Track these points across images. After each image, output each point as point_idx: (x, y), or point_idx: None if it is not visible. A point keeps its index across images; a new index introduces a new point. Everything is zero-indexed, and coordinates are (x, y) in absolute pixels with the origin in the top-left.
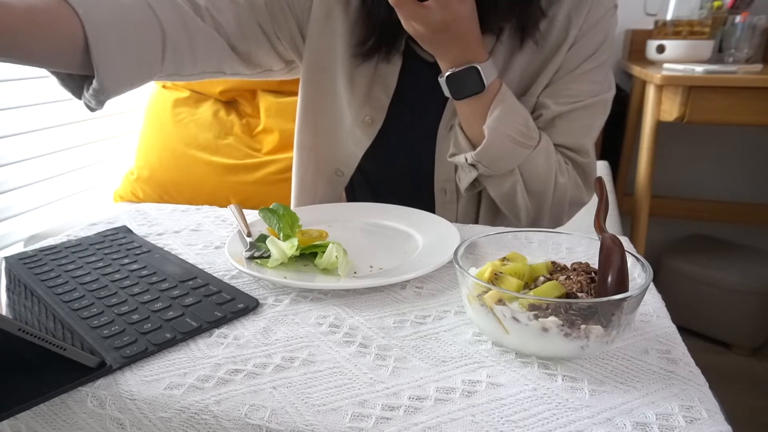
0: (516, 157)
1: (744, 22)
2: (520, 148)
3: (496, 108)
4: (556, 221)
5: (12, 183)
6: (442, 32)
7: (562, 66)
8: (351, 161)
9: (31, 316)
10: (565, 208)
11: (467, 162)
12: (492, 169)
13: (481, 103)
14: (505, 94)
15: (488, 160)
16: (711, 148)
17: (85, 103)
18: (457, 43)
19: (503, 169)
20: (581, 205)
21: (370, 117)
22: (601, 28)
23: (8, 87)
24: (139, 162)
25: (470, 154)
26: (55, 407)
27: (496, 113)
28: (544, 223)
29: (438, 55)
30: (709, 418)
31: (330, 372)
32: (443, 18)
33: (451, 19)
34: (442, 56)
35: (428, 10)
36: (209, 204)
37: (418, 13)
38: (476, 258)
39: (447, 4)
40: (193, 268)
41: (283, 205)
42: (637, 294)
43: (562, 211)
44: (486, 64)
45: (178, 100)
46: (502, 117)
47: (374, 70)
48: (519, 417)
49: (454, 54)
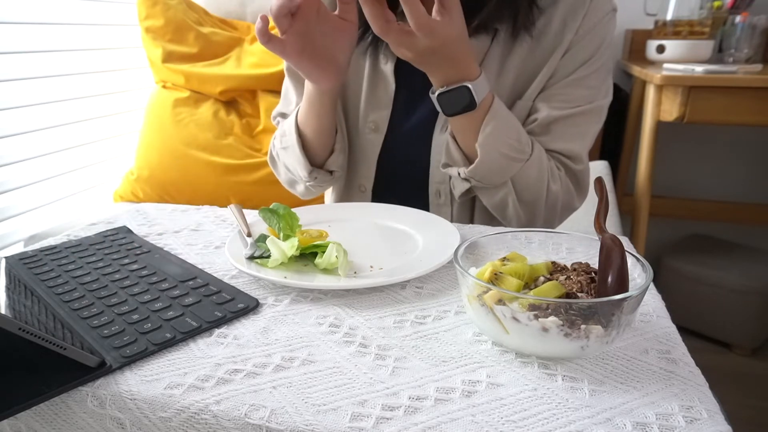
0: (508, 170)
1: (744, 22)
2: (512, 162)
3: (488, 124)
4: (548, 226)
5: (12, 183)
6: (430, 55)
7: (558, 71)
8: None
9: (31, 316)
10: (557, 214)
11: (460, 176)
12: (484, 182)
13: (473, 118)
14: (498, 109)
15: (480, 176)
16: (711, 148)
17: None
18: (448, 63)
19: (496, 182)
20: (572, 210)
21: (374, 123)
22: (597, 32)
23: (8, 87)
24: (139, 162)
25: (462, 170)
26: (55, 407)
27: (488, 130)
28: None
29: (429, 73)
30: (709, 418)
31: (330, 372)
32: (430, 44)
33: (439, 44)
34: (433, 75)
35: (414, 38)
36: (209, 204)
37: (404, 41)
38: (476, 258)
39: (431, 32)
40: (193, 268)
41: (283, 205)
42: (637, 294)
43: (553, 217)
44: (477, 82)
45: (178, 100)
46: (494, 133)
47: (373, 71)
48: (519, 417)
49: (445, 73)
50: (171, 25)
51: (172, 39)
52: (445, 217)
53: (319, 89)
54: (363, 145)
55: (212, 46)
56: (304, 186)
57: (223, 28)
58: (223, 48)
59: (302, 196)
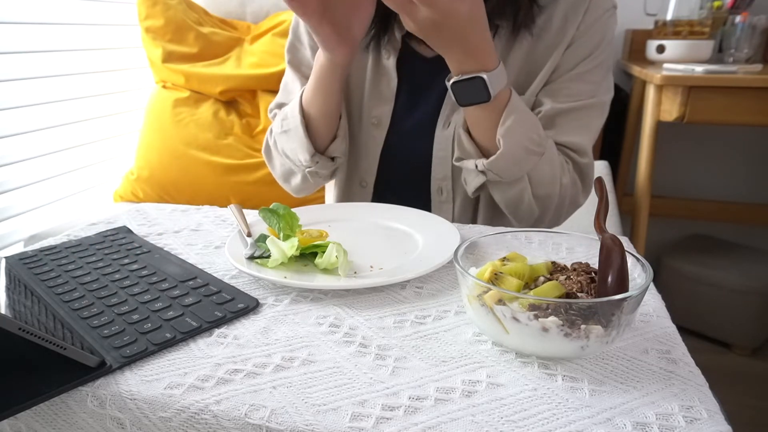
0: (526, 165)
1: (744, 22)
2: (531, 156)
3: (508, 117)
4: (555, 222)
5: (12, 183)
6: (434, 29)
7: (560, 66)
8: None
9: (31, 316)
10: (564, 209)
11: (477, 169)
12: (501, 176)
13: (494, 111)
14: (517, 104)
15: (499, 169)
16: (711, 148)
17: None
18: (461, 47)
19: (513, 177)
20: (577, 206)
21: (377, 118)
22: (598, 28)
23: (8, 87)
24: (139, 162)
25: (481, 162)
26: (55, 407)
27: (510, 122)
28: (543, 224)
29: (443, 55)
30: (709, 418)
31: (330, 372)
32: (431, 16)
33: (442, 18)
34: (447, 58)
35: (414, 6)
36: (209, 204)
37: (406, 9)
38: (476, 258)
39: (433, 3)
40: (193, 268)
41: (283, 205)
42: (637, 294)
43: (561, 213)
44: (494, 73)
45: (178, 100)
46: (516, 127)
47: (375, 66)
48: (519, 417)
49: (459, 58)
50: (171, 25)
51: (172, 39)
52: (446, 214)
53: (333, 61)
54: (365, 141)
55: (212, 46)
56: (302, 175)
57: (223, 28)
58: (223, 48)
59: (297, 191)
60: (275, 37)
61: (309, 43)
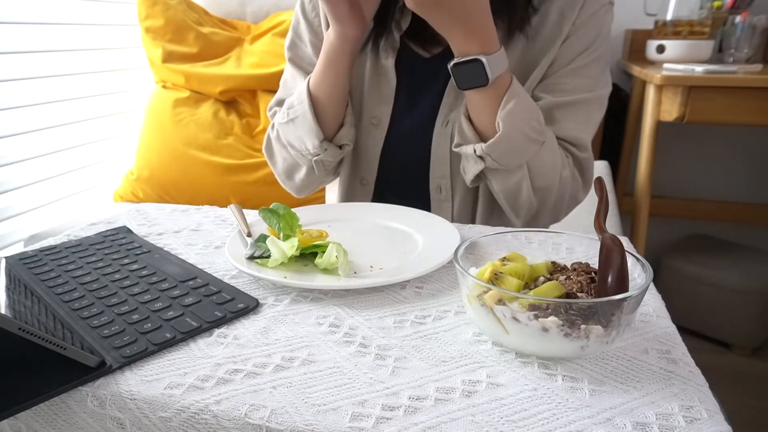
0: (526, 152)
1: (744, 22)
2: (531, 144)
3: (509, 101)
4: (555, 218)
5: (12, 183)
6: (434, 6)
7: (556, 60)
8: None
9: (31, 316)
10: (564, 204)
11: (475, 153)
12: (500, 163)
13: (494, 94)
14: (518, 90)
15: (498, 154)
16: (711, 148)
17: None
18: (460, 26)
19: (512, 164)
20: (577, 202)
21: (376, 118)
22: (594, 23)
23: (8, 87)
24: (139, 162)
25: (480, 146)
26: (55, 407)
27: (510, 107)
28: (543, 219)
29: (445, 36)
30: (709, 418)
31: (330, 372)
32: None
33: None
34: (449, 38)
35: None
36: (209, 204)
37: None
38: (476, 258)
39: None
40: (193, 268)
41: (283, 205)
42: (637, 294)
43: (560, 207)
44: (494, 57)
45: (178, 100)
46: (516, 111)
47: (374, 66)
48: (519, 417)
49: (460, 40)
50: (171, 25)
51: (172, 39)
52: (445, 213)
53: (344, 37)
54: (365, 141)
55: (212, 46)
56: (308, 167)
57: (223, 28)
58: (223, 48)
59: (299, 189)
60: (275, 37)
61: (310, 40)
